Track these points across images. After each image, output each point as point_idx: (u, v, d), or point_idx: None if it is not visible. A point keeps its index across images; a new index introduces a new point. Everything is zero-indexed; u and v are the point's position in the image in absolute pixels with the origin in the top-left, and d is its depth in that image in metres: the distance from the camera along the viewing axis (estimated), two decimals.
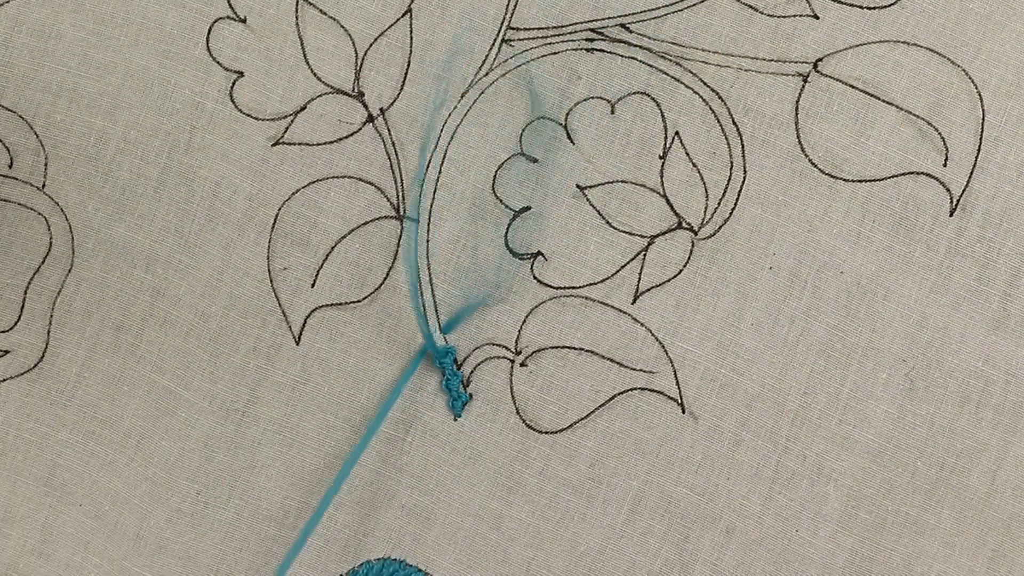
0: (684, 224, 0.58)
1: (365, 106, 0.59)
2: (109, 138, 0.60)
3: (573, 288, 0.59)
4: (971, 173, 0.58)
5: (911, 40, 0.58)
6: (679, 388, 0.58)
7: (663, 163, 0.58)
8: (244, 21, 0.59)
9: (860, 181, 0.58)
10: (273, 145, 0.59)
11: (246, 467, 0.59)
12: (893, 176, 0.58)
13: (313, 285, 0.59)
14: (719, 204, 0.58)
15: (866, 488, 0.58)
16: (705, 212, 0.58)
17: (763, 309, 0.58)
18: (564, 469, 0.58)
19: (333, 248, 0.59)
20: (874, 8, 0.58)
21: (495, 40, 0.59)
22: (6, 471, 0.59)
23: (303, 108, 0.59)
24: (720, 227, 0.58)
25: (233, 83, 0.59)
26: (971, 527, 0.57)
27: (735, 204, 0.58)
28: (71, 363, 0.59)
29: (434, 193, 0.59)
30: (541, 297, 0.59)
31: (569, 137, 0.59)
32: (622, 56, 0.59)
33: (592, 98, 0.59)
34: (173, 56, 0.59)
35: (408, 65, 0.59)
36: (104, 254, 0.60)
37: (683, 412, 0.58)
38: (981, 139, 0.58)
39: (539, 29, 0.59)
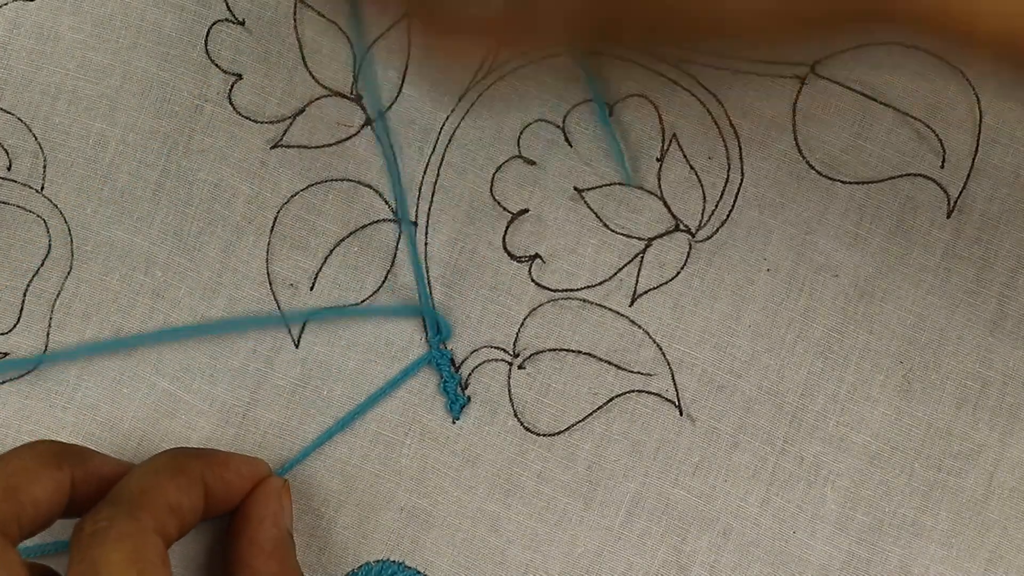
0: (682, 226, 0.58)
1: (363, 109, 0.59)
2: (108, 140, 0.60)
3: (571, 290, 0.59)
4: (968, 175, 0.58)
5: (908, 42, 0.58)
6: (677, 390, 0.58)
7: (660, 165, 0.58)
8: (242, 24, 0.59)
9: (857, 183, 0.58)
10: (272, 148, 0.59)
11: None
12: (890, 178, 0.58)
13: (312, 288, 0.59)
14: (717, 206, 0.58)
15: (863, 489, 0.58)
16: (703, 214, 0.58)
17: (761, 311, 0.58)
18: (562, 471, 0.58)
19: (332, 251, 0.59)
20: None
21: None
22: None
23: (302, 111, 0.59)
24: (718, 229, 0.58)
25: (232, 85, 0.59)
26: (968, 529, 0.57)
27: (733, 206, 0.58)
28: (70, 365, 0.60)
29: (432, 196, 0.59)
30: (539, 300, 0.59)
31: (567, 139, 0.59)
32: (620, 59, 0.59)
33: (590, 100, 0.59)
34: (172, 59, 0.60)
35: (406, 68, 0.59)
36: (103, 256, 0.60)
37: (681, 414, 0.58)
38: (979, 141, 0.58)
39: None
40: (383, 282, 0.59)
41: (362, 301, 0.59)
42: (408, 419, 0.59)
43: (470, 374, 0.59)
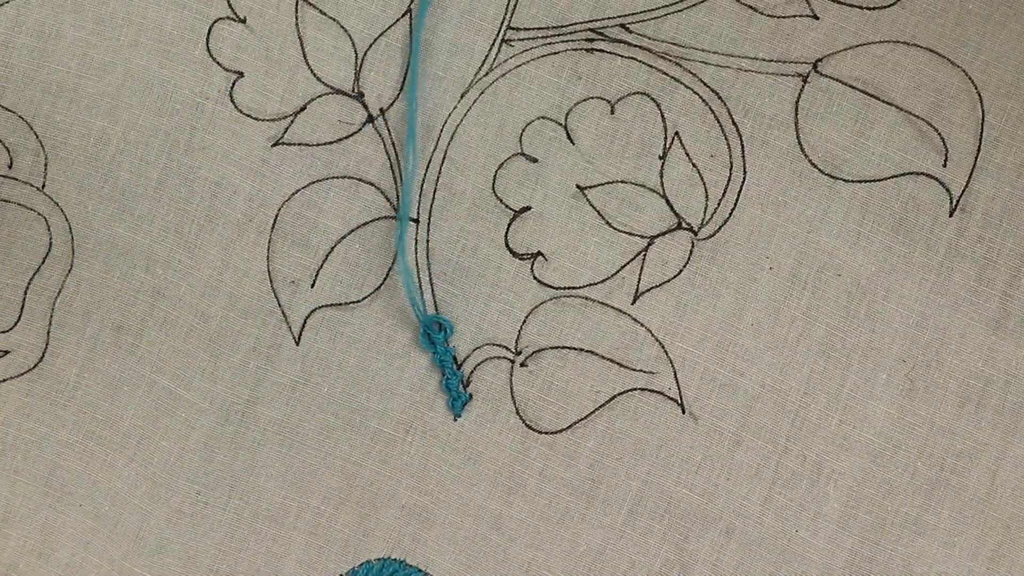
0: (684, 224, 0.58)
1: (365, 106, 0.59)
2: (109, 138, 0.60)
3: (573, 288, 0.59)
4: (971, 174, 0.58)
5: (911, 40, 0.58)
6: (679, 388, 0.58)
7: (663, 163, 0.58)
8: (244, 21, 0.59)
9: (860, 181, 0.58)
10: (273, 145, 0.59)
11: (246, 467, 0.59)
12: (893, 176, 0.58)
13: (313, 285, 0.59)
14: (719, 204, 0.58)
15: (866, 488, 0.58)
16: (705, 212, 0.58)
17: (763, 309, 0.58)
18: (564, 469, 0.58)
19: (333, 248, 0.59)
20: (874, 8, 0.58)
21: (495, 40, 0.59)
22: (6, 471, 0.59)
23: (303, 108, 0.59)
24: (720, 227, 0.58)
25: (233, 83, 0.59)
26: (971, 527, 0.57)
27: (735, 204, 0.58)
28: (71, 363, 0.59)
29: (434, 193, 0.59)
30: (541, 297, 0.59)
31: (569, 137, 0.59)
32: (622, 56, 0.59)
33: (592, 98, 0.59)
34: (173, 56, 0.60)
35: (408, 65, 0.59)
36: (104, 254, 0.60)
37: (683, 412, 0.58)
38: (981, 140, 0.58)
39: (539, 29, 0.59)
40: (384, 279, 0.59)
41: (363, 298, 0.59)
42: (410, 416, 0.59)
43: (472, 371, 0.59)
